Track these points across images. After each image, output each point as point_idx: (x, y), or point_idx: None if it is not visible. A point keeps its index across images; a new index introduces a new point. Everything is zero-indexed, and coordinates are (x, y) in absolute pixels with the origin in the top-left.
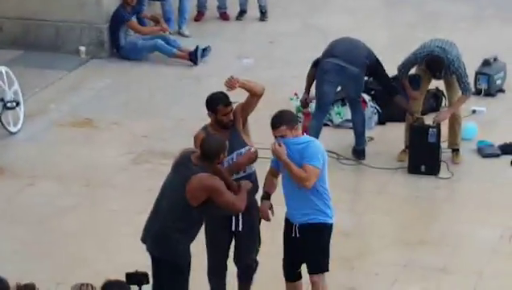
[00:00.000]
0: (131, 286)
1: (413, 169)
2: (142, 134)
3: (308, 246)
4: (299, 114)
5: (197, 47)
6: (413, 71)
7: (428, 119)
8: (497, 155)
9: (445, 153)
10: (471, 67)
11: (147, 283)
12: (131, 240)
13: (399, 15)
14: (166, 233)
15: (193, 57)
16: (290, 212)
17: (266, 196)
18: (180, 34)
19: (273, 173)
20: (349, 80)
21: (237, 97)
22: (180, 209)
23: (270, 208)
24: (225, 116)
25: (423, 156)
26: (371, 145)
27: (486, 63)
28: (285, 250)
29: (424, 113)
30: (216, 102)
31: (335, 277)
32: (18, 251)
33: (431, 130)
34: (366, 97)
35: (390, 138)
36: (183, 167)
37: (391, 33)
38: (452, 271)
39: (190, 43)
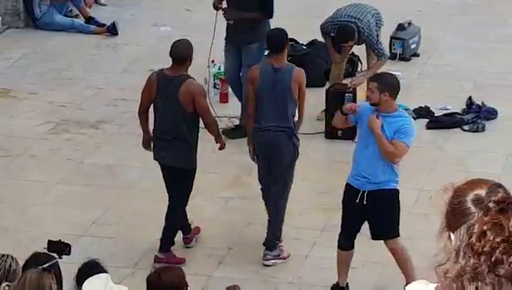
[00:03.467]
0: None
1: (330, 134)
2: (61, 103)
3: (382, 211)
4: (217, 81)
5: (114, 22)
6: None
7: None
8: (413, 119)
9: None
10: (386, 32)
11: (68, 253)
12: (51, 209)
13: None
14: (179, 146)
15: (112, 30)
16: (360, 179)
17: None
18: (97, 2)
19: (345, 120)
20: None
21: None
22: (181, 119)
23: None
24: None
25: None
26: None
27: (401, 27)
28: (346, 218)
29: None
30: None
31: (253, 242)
32: None
33: (347, 94)
34: None
35: (307, 103)
36: (164, 84)
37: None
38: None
39: (106, 11)
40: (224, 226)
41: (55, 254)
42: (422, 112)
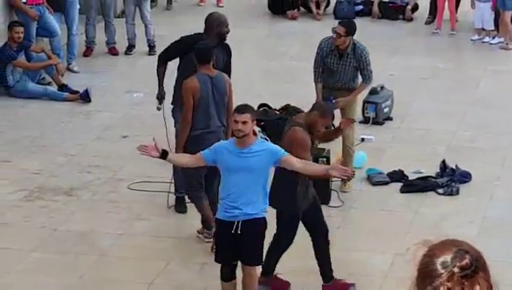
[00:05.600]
0: None
1: None
2: (34, 171)
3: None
4: None
5: (87, 89)
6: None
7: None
8: (386, 183)
9: (335, 182)
10: (359, 96)
11: None
12: (25, 277)
13: (285, 46)
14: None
15: (85, 97)
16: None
17: None
18: (69, 70)
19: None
20: None
21: None
22: None
23: None
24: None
25: (314, 185)
26: None
27: (373, 91)
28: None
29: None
30: None
31: None
32: None
33: (320, 159)
34: (256, 128)
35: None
36: None
37: (277, 63)
38: None
39: (79, 78)
40: None
41: None
42: (396, 176)
